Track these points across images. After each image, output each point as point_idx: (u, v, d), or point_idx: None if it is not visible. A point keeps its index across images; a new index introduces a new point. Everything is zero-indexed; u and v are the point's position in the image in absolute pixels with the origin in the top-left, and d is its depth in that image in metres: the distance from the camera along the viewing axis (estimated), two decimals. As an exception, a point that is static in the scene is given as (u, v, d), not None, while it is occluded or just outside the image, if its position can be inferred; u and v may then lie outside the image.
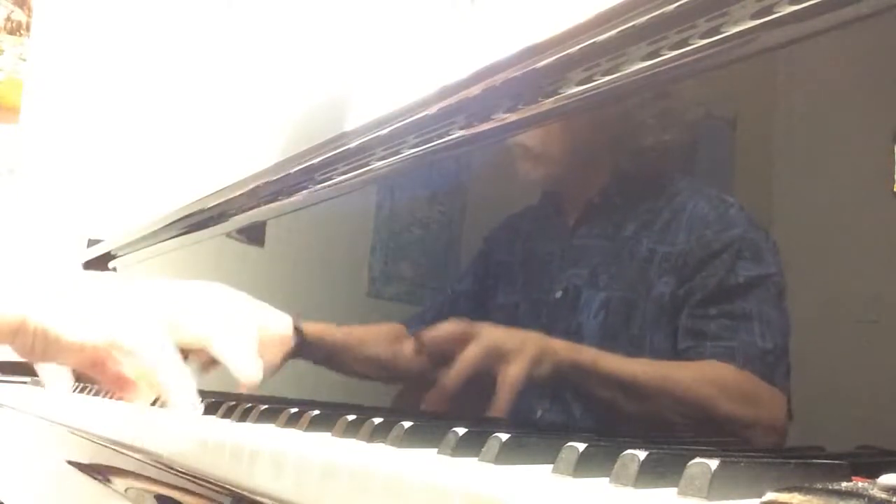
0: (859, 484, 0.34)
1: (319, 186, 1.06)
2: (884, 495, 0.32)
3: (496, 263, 0.80)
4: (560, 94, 0.70)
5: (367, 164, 0.96)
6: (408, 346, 0.86)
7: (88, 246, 1.92)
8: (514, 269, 0.79)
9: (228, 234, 1.33)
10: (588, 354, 0.69)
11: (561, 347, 0.71)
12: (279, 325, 0.79)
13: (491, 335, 0.76)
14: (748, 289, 0.59)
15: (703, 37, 0.59)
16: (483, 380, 0.74)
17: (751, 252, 0.59)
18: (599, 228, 0.71)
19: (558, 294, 0.73)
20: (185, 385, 0.67)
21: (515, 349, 0.73)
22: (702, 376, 0.61)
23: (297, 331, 0.99)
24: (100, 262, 1.86)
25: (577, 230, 0.73)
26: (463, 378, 0.77)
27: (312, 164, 1.04)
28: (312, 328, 1.01)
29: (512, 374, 0.72)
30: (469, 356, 0.76)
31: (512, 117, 0.76)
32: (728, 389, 0.60)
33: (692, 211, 0.64)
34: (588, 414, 0.69)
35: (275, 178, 1.13)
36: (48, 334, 0.62)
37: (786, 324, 0.56)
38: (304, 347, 0.99)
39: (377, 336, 0.95)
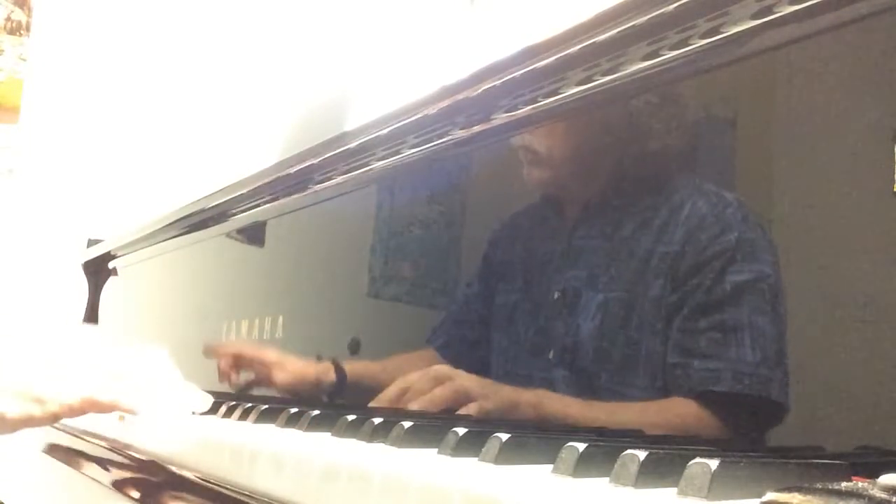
0: (859, 484, 0.34)
1: (319, 186, 1.06)
2: (884, 495, 0.32)
3: (498, 264, 0.80)
4: (560, 94, 0.70)
5: (367, 164, 0.96)
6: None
7: (88, 246, 1.91)
8: (515, 269, 0.78)
9: (228, 234, 1.33)
10: (556, 404, 0.70)
11: (527, 398, 0.72)
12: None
13: (461, 383, 0.78)
14: (738, 298, 0.58)
15: (703, 37, 0.59)
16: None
17: (744, 257, 0.58)
18: (599, 228, 0.71)
19: (556, 295, 0.73)
20: None
21: (478, 395, 0.75)
22: (665, 422, 0.61)
23: (339, 369, 1.00)
24: (100, 262, 1.86)
25: (577, 230, 0.73)
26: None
27: (312, 164, 1.04)
28: (353, 367, 1.01)
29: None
30: (438, 396, 0.79)
31: (512, 117, 0.76)
32: (689, 431, 0.59)
33: (690, 210, 0.63)
34: None
35: (275, 178, 1.13)
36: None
37: (781, 332, 0.55)
38: (346, 386, 1.00)
39: (412, 366, 0.95)
